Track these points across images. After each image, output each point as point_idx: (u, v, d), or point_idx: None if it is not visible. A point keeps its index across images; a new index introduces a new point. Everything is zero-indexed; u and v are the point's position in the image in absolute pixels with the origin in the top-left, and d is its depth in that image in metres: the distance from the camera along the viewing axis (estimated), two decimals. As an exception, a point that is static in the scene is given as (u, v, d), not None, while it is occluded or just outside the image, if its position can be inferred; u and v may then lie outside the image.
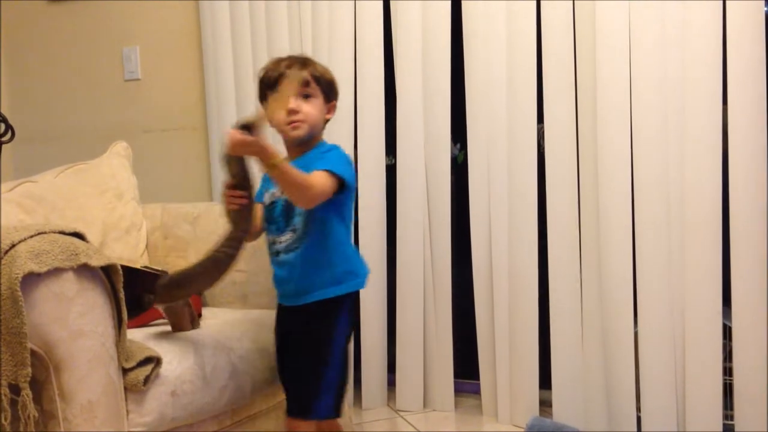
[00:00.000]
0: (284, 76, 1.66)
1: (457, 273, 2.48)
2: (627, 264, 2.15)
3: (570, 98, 2.23)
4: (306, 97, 1.67)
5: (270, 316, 1.95)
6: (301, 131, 1.65)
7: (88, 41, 3.02)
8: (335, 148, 1.71)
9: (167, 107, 2.92)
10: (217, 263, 1.59)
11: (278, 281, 1.71)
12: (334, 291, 1.65)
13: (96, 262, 1.38)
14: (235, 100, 2.71)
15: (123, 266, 1.48)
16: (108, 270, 1.42)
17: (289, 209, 1.65)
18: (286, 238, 1.66)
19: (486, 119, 2.34)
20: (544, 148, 2.29)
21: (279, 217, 1.67)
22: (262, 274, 2.09)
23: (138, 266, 2.09)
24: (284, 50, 2.59)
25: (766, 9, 2.03)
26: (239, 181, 1.57)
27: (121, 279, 1.44)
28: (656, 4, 2.08)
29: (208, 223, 2.22)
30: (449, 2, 2.37)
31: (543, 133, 2.29)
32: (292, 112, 1.64)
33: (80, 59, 3.05)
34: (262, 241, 1.77)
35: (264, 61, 2.59)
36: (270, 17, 2.61)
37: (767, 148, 2.02)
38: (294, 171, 1.51)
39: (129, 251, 2.21)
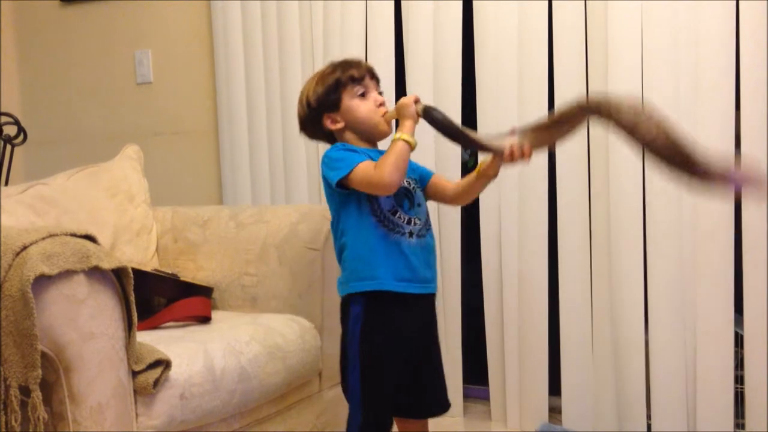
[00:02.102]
0: (369, 74, 1.70)
1: (467, 278, 2.47)
2: (638, 271, 2.14)
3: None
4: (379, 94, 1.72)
5: (279, 320, 1.96)
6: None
7: (101, 44, 3.04)
8: None
9: (179, 110, 2.93)
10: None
11: (408, 266, 1.61)
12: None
13: (107, 264, 1.39)
14: (246, 103, 2.71)
15: (133, 269, 1.48)
16: (119, 272, 1.43)
17: (408, 193, 1.64)
18: (417, 221, 1.63)
19: (496, 123, 2.33)
20: (555, 154, 2.28)
21: (402, 196, 1.63)
22: (272, 278, 2.10)
23: (148, 269, 2.10)
24: (296, 54, 2.60)
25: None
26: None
27: (132, 282, 1.45)
28: (668, 6, 2.08)
29: (219, 226, 2.22)
30: (460, 3, 2.37)
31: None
32: (383, 105, 1.68)
33: (93, 62, 3.07)
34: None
35: (275, 65, 2.63)
36: (281, 20, 2.61)
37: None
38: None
39: (139, 254, 2.22)
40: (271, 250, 2.11)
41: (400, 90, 2.48)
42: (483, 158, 1.68)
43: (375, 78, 1.72)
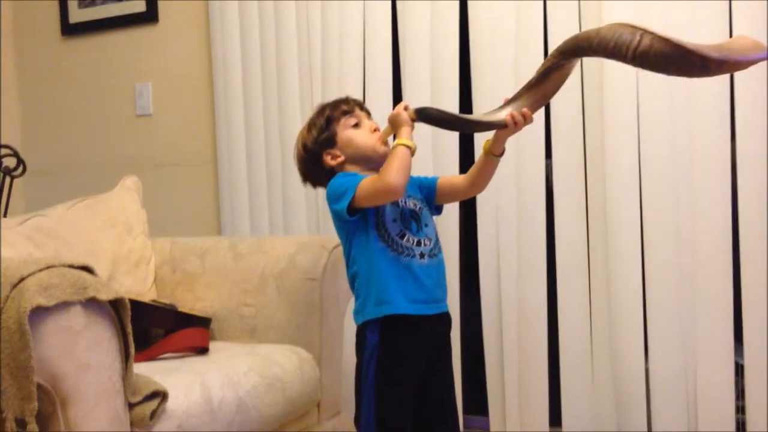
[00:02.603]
0: (358, 106, 1.74)
1: (466, 307, 2.47)
2: (637, 300, 2.14)
3: (578, 133, 2.24)
4: None
5: (277, 351, 1.96)
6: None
7: (101, 77, 3.06)
8: None
9: (178, 142, 2.94)
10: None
11: (421, 287, 1.62)
12: None
13: (104, 295, 1.39)
14: (245, 134, 2.73)
15: (131, 300, 1.48)
16: (116, 304, 1.42)
17: (415, 215, 1.66)
18: (427, 242, 1.64)
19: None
20: (552, 183, 2.28)
21: (409, 218, 1.65)
22: (271, 308, 2.09)
23: (146, 300, 2.10)
24: (294, 87, 2.61)
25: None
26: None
27: (129, 313, 1.44)
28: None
29: (217, 257, 2.22)
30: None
31: (551, 168, 2.29)
32: (377, 131, 1.71)
33: (93, 94, 3.08)
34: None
35: (273, 99, 2.65)
36: (280, 53, 2.63)
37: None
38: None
39: (138, 285, 2.22)
40: (270, 280, 2.11)
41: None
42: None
43: (365, 110, 1.75)
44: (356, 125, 1.71)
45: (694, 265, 2.10)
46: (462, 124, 1.76)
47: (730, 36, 2.03)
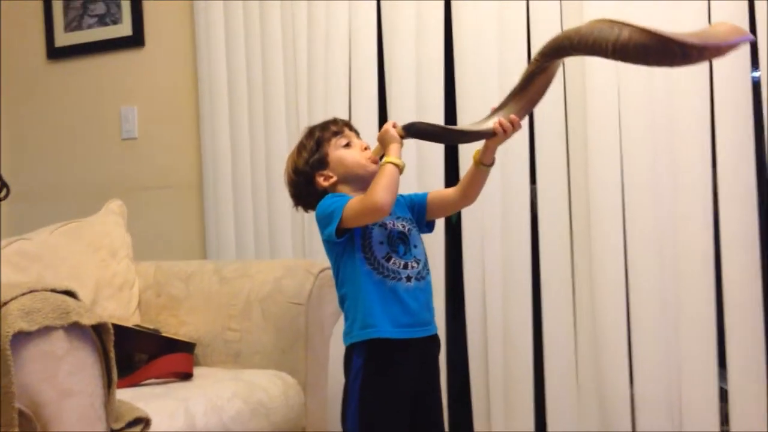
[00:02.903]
0: (347, 126, 1.74)
1: (451, 328, 2.46)
2: (622, 324, 2.15)
3: (562, 158, 2.26)
4: None
5: (262, 376, 1.94)
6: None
7: (87, 100, 3.06)
8: None
9: (163, 166, 2.94)
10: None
11: (407, 311, 1.61)
12: None
13: (87, 320, 1.38)
14: (231, 159, 2.72)
15: (114, 325, 1.47)
16: (99, 329, 1.41)
17: (403, 237, 1.65)
18: (414, 265, 1.64)
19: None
20: (537, 208, 2.30)
21: (397, 240, 1.64)
22: (256, 333, 2.08)
23: (130, 325, 2.08)
24: (281, 110, 2.62)
25: (752, 74, 2.07)
26: None
27: (112, 338, 1.43)
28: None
29: (202, 281, 2.21)
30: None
31: (536, 193, 2.30)
32: (368, 149, 1.72)
33: (78, 118, 3.08)
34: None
35: (259, 122, 2.65)
36: (266, 77, 2.64)
37: (757, 208, 2.05)
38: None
39: (121, 309, 2.20)
40: (255, 305, 2.10)
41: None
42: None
43: (354, 130, 1.76)
44: (347, 145, 1.71)
45: (678, 289, 2.11)
46: (451, 136, 1.76)
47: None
